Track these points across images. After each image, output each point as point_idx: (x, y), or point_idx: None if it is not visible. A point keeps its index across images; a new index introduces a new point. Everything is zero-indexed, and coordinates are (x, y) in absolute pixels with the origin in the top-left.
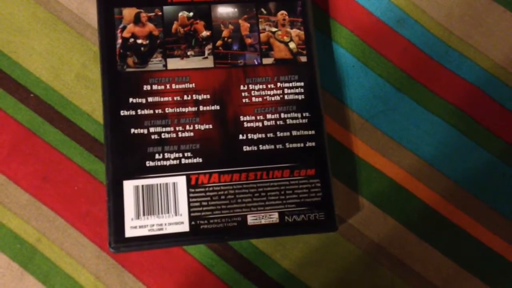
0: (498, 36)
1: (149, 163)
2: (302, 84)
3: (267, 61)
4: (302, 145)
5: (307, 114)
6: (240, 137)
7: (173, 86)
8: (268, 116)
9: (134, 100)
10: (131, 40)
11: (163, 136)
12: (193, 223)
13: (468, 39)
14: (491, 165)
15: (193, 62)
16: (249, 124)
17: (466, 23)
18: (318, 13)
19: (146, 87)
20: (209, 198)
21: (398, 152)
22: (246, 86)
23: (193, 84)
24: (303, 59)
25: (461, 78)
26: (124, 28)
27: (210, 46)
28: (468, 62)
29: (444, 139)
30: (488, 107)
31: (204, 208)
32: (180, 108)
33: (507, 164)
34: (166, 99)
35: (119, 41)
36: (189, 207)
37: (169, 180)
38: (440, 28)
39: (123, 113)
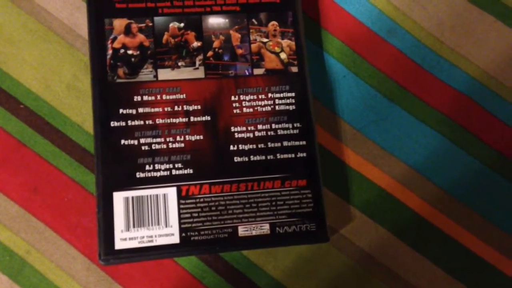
0: (489, 45)
1: (140, 174)
2: (293, 94)
3: (258, 71)
4: (293, 155)
5: (298, 125)
6: (231, 147)
7: (164, 97)
8: (259, 126)
9: (125, 111)
10: (122, 51)
11: (153, 147)
12: (183, 234)
13: (459, 49)
14: (482, 174)
15: (184, 73)
16: (240, 135)
17: (457, 33)
18: (309, 23)
19: (137, 98)
20: (199, 210)
21: (389, 162)
22: (237, 96)
23: (184, 95)
24: (294, 69)
25: (452, 88)
26: (114, 38)
27: (201, 57)
28: (459, 71)
29: (436, 149)
30: (479, 117)
31: (195, 220)
32: (171, 119)
33: (498, 173)
34: (156, 110)
35: (110, 51)
36: (180, 218)
37: (160, 191)
38: (431, 38)
39: (114, 124)
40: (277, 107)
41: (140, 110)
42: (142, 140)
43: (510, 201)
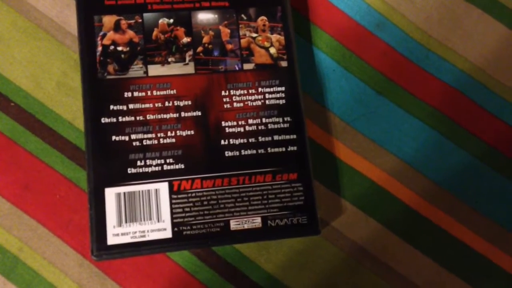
0: (476, 38)
1: (131, 170)
2: (283, 88)
3: (248, 66)
4: (284, 149)
5: (289, 119)
6: (222, 142)
7: (154, 92)
8: (250, 121)
9: (115, 107)
10: (112, 47)
11: (144, 143)
12: (175, 229)
13: (447, 42)
14: (471, 166)
15: (174, 69)
16: (230, 130)
17: (445, 26)
18: (298, 18)
19: (127, 94)
20: (191, 204)
21: (379, 154)
22: (227, 91)
23: (174, 91)
24: (284, 64)
25: (441, 81)
26: (104, 35)
27: (190, 53)
28: (447, 64)
29: (425, 141)
30: (467, 109)
31: (187, 214)
32: (162, 115)
33: (487, 165)
34: (147, 105)
35: (99, 48)
36: (172, 213)
37: (151, 186)
38: (419, 31)
39: (104, 120)
40: (267, 102)
41: (131, 106)
42: (133, 136)
43: (499, 191)
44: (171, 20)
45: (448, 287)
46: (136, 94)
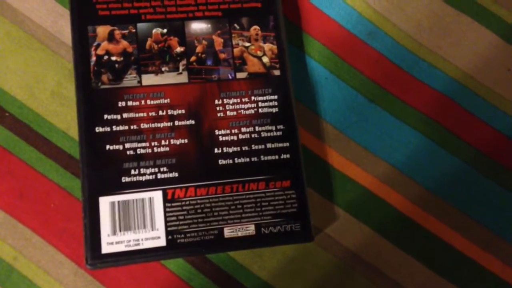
0: (466, 46)
1: (125, 179)
2: (276, 97)
3: (241, 75)
4: (277, 157)
5: (282, 127)
6: (216, 150)
7: (148, 102)
8: (243, 129)
9: (109, 117)
10: (105, 57)
11: (138, 152)
12: (170, 237)
13: (438, 49)
14: (462, 171)
15: (167, 78)
16: (224, 138)
17: (435, 34)
18: (290, 27)
19: (121, 104)
20: (185, 212)
21: (371, 161)
22: (220, 100)
23: (168, 100)
24: (277, 72)
25: (431, 88)
26: (98, 45)
27: (184, 62)
28: (437, 72)
29: (416, 148)
30: (457, 115)
31: (181, 222)
32: (155, 124)
33: (477, 170)
34: (141, 115)
35: (93, 58)
36: (166, 221)
37: (145, 195)
38: (410, 39)
39: (98, 129)
40: (260, 110)
41: (125, 115)
42: (127, 145)
43: (490, 197)
44: (165, 30)
45: None
46: (130, 103)
